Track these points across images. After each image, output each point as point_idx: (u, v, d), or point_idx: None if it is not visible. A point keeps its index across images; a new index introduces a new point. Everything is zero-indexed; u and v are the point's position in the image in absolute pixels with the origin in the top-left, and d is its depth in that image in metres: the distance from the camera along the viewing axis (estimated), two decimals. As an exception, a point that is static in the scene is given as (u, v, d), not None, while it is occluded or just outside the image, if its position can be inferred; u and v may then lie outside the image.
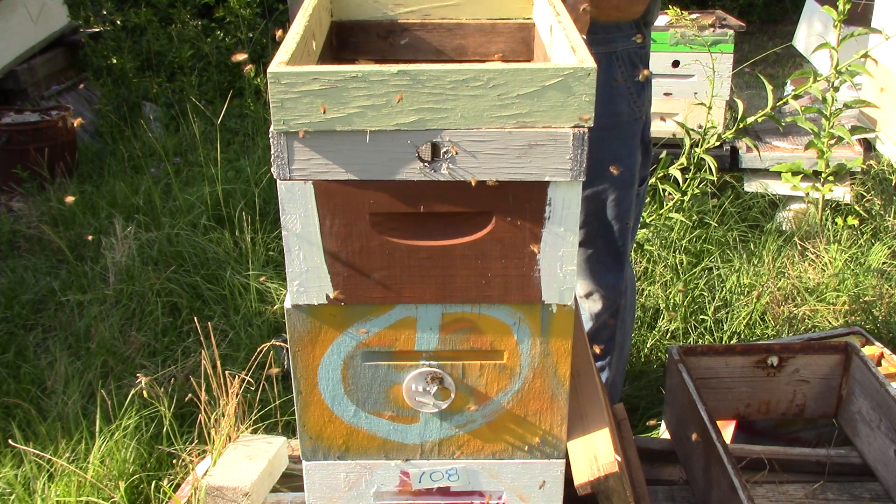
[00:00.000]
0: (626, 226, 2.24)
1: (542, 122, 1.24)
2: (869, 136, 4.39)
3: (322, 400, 1.43)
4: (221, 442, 2.06)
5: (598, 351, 2.38)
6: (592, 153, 2.02)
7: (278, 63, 1.22)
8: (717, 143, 3.50)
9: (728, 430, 2.25)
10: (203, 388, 2.15)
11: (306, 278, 1.34)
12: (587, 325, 2.35)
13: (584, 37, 2.04)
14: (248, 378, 2.15)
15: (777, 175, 3.96)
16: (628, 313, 2.40)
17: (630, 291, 2.39)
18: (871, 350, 2.41)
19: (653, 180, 3.43)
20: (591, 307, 2.33)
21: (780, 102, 3.66)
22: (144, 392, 2.28)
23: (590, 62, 1.23)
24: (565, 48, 1.33)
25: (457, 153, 1.26)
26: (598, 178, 2.15)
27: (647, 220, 3.50)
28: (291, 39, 1.32)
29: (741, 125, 3.71)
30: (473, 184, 1.28)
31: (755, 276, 3.34)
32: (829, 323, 3.11)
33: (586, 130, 1.27)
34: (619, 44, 2.08)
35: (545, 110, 1.23)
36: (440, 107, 1.22)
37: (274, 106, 1.21)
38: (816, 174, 3.84)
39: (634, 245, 3.01)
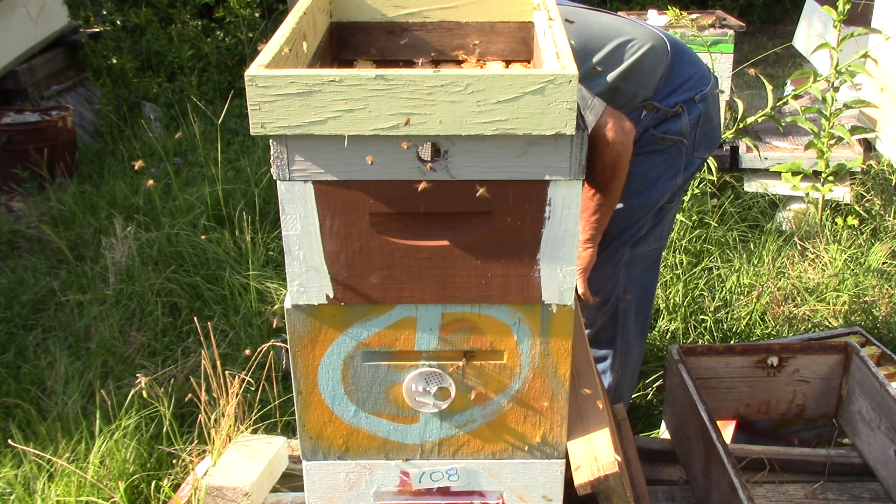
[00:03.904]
0: (635, 232, 2.21)
1: (522, 129, 1.22)
2: (869, 136, 4.39)
3: (322, 400, 1.43)
4: (221, 442, 2.06)
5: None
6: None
7: (257, 66, 1.21)
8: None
9: (728, 430, 2.25)
10: (203, 388, 2.15)
11: (306, 278, 1.34)
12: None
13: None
14: (248, 378, 2.15)
15: (777, 175, 3.96)
16: (633, 318, 2.37)
17: (639, 297, 2.35)
18: (871, 350, 2.40)
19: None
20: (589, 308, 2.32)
21: (780, 102, 3.66)
22: (144, 392, 2.28)
23: (571, 69, 1.20)
24: (551, 54, 1.32)
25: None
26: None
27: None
28: (275, 42, 1.31)
29: (741, 125, 3.71)
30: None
31: (755, 276, 3.34)
32: (829, 323, 3.11)
33: (585, 129, 1.26)
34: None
35: (525, 117, 1.21)
36: (418, 112, 1.20)
37: (251, 109, 1.20)
38: (816, 174, 3.84)
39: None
